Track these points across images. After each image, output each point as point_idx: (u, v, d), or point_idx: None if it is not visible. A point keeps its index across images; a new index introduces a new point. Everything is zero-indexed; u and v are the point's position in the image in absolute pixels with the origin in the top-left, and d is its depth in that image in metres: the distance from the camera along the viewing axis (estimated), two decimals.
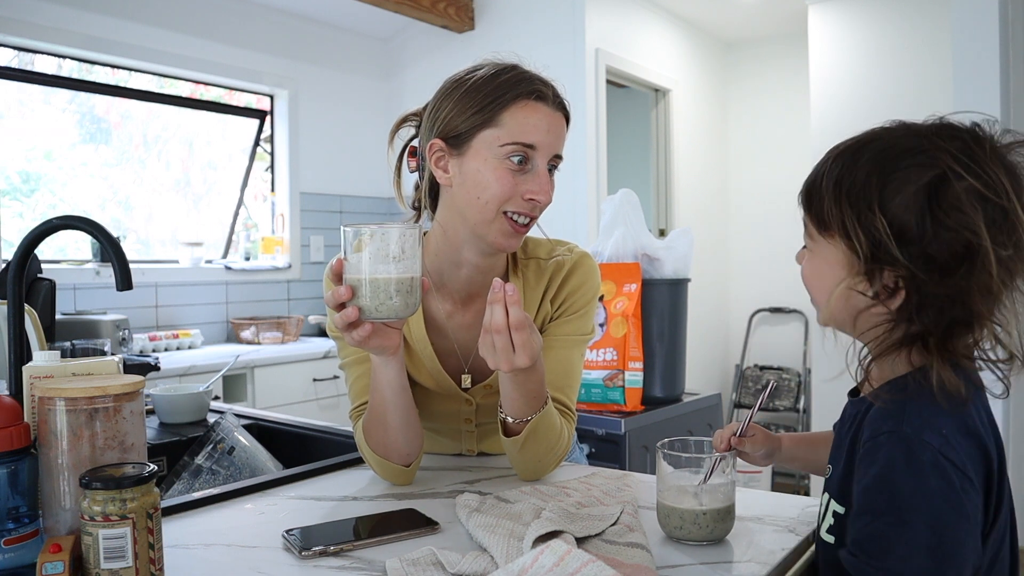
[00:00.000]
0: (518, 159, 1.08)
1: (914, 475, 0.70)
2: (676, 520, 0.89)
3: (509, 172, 1.08)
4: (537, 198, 1.09)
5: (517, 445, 1.10)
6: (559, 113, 1.13)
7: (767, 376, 4.55)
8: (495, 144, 1.08)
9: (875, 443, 0.73)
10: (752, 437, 1.00)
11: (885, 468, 0.71)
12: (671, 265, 2.41)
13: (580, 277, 1.21)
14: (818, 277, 0.82)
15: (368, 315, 0.93)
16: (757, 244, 4.79)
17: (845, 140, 0.81)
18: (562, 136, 1.13)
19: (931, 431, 0.71)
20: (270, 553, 0.90)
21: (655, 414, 2.38)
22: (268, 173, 4.02)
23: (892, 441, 0.72)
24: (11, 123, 3.16)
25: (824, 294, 0.81)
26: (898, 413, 0.74)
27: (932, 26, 3.50)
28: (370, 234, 0.91)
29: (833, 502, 0.81)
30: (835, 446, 0.85)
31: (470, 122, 1.09)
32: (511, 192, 1.08)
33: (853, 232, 0.75)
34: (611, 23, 3.79)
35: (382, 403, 1.08)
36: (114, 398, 0.77)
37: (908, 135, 0.77)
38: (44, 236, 1.01)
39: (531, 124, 1.08)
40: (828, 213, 0.78)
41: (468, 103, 1.09)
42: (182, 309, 3.49)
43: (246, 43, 3.75)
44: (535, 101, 1.09)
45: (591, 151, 3.62)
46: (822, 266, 0.81)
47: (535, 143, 1.08)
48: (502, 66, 1.13)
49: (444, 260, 1.18)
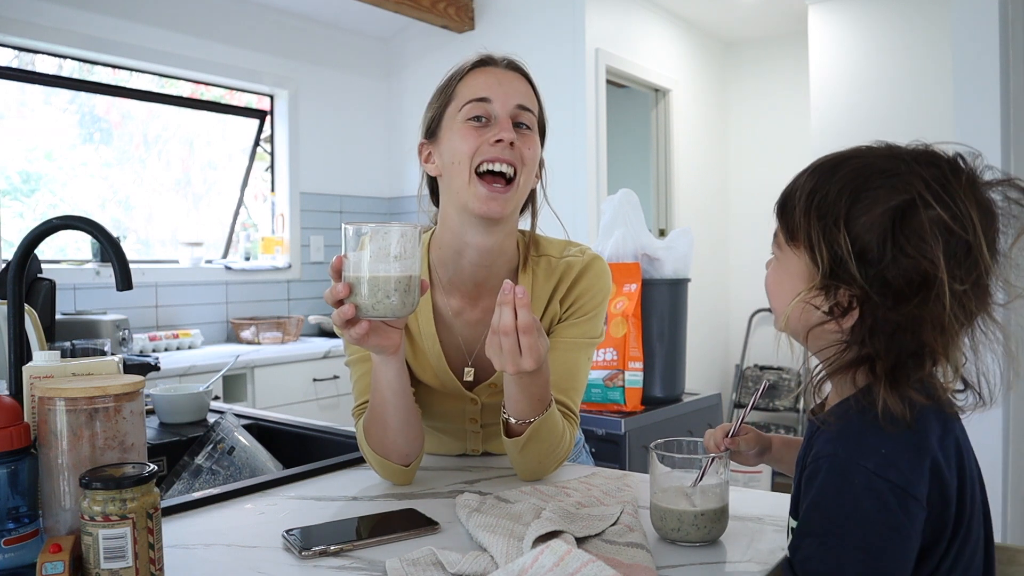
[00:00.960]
0: (476, 117, 1.12)
1: (847, 499, 0.72)
2: (673, 522, 0.89)
3: (473, 129, 1.12)
4: (501, 136, 1.11)
5: (518, 446, 1.10)
6: (512, 72, 1.17)
7: (767, 376, 4.55)
8: (455, 114, 1.14)
9: (816, 466, 0.75)
10: (745, 436, 1.00)
11: (820, 492, 0.74)
12: (671, 265, 2.41)
13: (590, 280, 1.21)
14: (779, 285, 0.83)
15: (365, 313, 0.93)
16: (757, 244, 4.79)
17: (829, 154, 0.81)
18: (520, 89, 1.16)
19: (867, 453, 0.72)
20: (270, 553, 0.90)
21: (655, 414, 2.38)
22: (268, 173, 4.02)
23: (828, 465, 0.74)
24: (11, 123, 3.16)
25: (782, 303, 0.82)
26: (836, 436, 0.75)
27: (932, 26, 3.50)
28: (370, 233, 0.91)
29: (790, 517, 0.83)
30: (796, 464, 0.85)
31: (435, 109, 1.18)
32: (476, 143, 1.11)
33: (817, 245, 0.76)
34: (611, 23, 3.79)
35: (382, 403, 1.08)
36: (114, 398, 0.77)
37: (887, 157, 0.77)
38: (44, 236, 1.01)
39: (480, 82, 1.14)
40: (797, 224, 0.79)
41: (434, 96, 1.19)
42: (182, 309, 3.49)
43: (246, 43, 3.75)
44: (482, 67, 1.16)
45: (591, 151, 3.62)
46: (784, 275, 0.82)
47: (487, 95, 1.13)
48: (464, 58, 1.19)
49: (448, 250, 1.19)
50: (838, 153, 0.80)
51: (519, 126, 1.14)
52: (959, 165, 0.75)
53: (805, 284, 0.78)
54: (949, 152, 0.77)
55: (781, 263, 0.83)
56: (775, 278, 0.84)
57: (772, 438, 1.04)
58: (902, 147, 0.78)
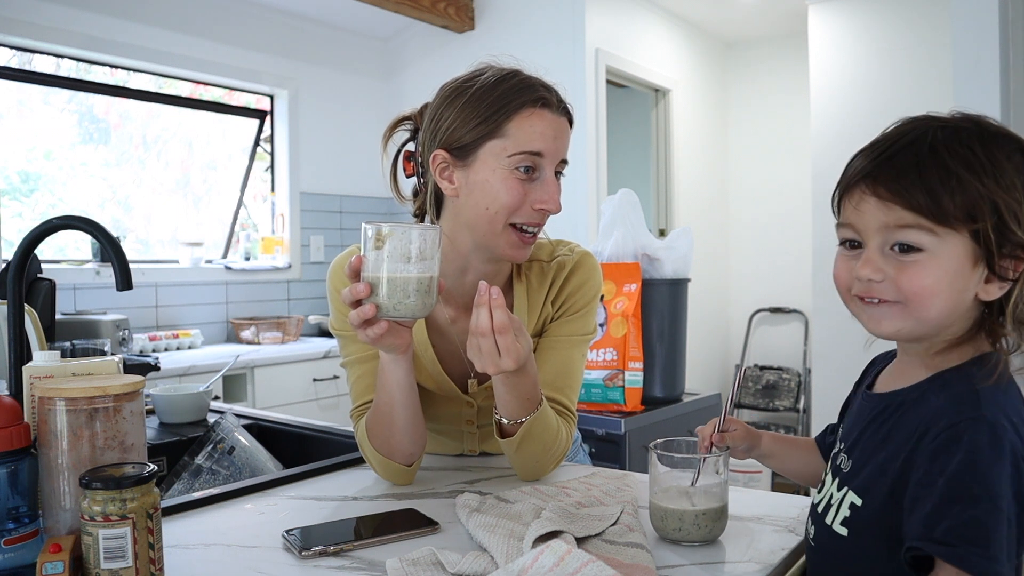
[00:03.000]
0: (526, 168, 1.07)
1: (998, 459, 0.69)
2: (674, 522, 0.89)
3: (518, 182, 1.07)
4: (547, 207, 1.09)
5: (513, 446, 1.10)
6: (563, 118, 1.12)
7: (767, 376, 4.55)
8: (502, 155, 1.07)
9: (955, 430, 0.71)
10: (733, 432, 1.00)
11: (972, 454, 0.69)
12: (671, 265, 2.41)
13: (581, 277, 1.21)
14: (940, 282, 0.73)
15: (385, 313, 0.94)
16: (757, 244, 4.79)
17: (894, 137, 0.77)
18: (567, 141, 1.13)
19: (1005, 414, 0.71)
20: (270, 553, 0.90)
21: (655, 414, 2.38)
22: (268, 173, 4.02)
23: (976, 427, 0.70)
24: (10, 123, 3.16)
25: (946, 299, 0.74)
26: (974, 399, 0.72)
27: (932, 26, 3.50)
28: (390, 232, 0.92)
29: (851, 494, 0.79)
30: (851, 441, 0.83)
31: (475, 133, 1.07)
32: (520, 202, 1.08)
33: (984, 216, 0.71)
34: (611, 23, 3.79)
35: (389, 402, 1.08)
36: (114, 398, 0.77)
37: (976, 121, 0.77)
38: (44, 236, 1.01)
39: (537, 132, 1.07)
40: (951, 202, 0.71)
41: (471, 113, 1.08)
42: (182, 309, 3.49)
43: (246, 43, 3.75)
44: (540, 108, 1.08)
45: (591, 151, 3.62)
46: (941, 270, 0.73)
47: (542, 151, 1.07)
48: (504, 72, 1.10)
49: (449, 266, 1.17)
50: (916, 132, 0.76)
51: (556, 176, 1.12)
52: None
53: (968, 268, 0.73)
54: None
55: (935, 256, 0.73)
56: (933, 277, 0.73)
57: (762, 434, 1.04)
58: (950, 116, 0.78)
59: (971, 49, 2.17)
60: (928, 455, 0.72)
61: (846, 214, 0.79)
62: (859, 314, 0.80)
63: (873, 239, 0.76)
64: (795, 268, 4.50)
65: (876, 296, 0.76)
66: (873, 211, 0.75)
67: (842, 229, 0.80)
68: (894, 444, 0.77)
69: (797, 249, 4.47)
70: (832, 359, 3.64)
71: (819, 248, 3.74)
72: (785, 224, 4.63)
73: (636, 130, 4.47)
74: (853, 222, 0.78)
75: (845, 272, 0.80)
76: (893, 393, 0.81)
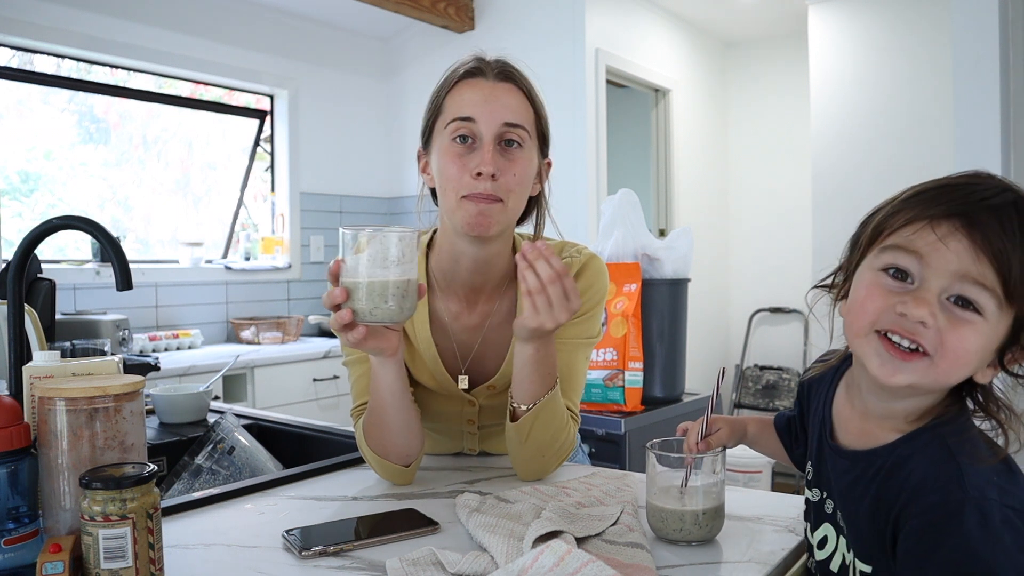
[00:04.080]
0: (461, 137, 1.09)
1: (992, 539, 0.66)
2: (674, 522, 0.89)
3: (456, 153, 1.09)
4: (481, 169, 1.06)
5: (524, 432, 1.09)
6: (503, 83, 1.12)
7: (767, 376, 4.55)
8: (442, 130, 1.11)
9: (946, 512, 0.68)
10: (717, 432, 0.98)
11: (964, 539, 0.66)
12: (671, 265, 2.41)
13: (587, 279, 1.20)
14: (983, 349, 0.71)
15: (362, 318, 0.93)
16: (757, 244, 4.79)
17: (985, 188, 0.71)
18: (510, 104, 1.10)
19: (989, 486, 0.68)
20: (270, 553, 0.90)
21: (655, 414, 2.38)
22: (268, 173, 4.02)
23: (965, 510, 0.67)
24: (10, 123, 3.16)
25: (975, 366, 0.72)
26: (957, 475, 0.69)
27: (932, 26, 3.50)
28: (368, 237, 0.91)
29: (858, 562, 0.77)
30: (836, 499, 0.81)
31: (427, 118, 1.15)
32: (460, 172, 1.08)
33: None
34: (611, 23, 3.79)
35: (381, 404, 1.08)
36: (114, 398, 0.77)
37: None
38: (44, 236, 1.01)
39: (466, 99, 1.10)
40: (1021, 280, 0.68)
41: (428, 103, 1.15)
42: (182, 309, 3.49)
43: (246, 43, 3.75)
44: (471, 78, 1.12)
45: (591, 151, 3.62)
46: (985, 340, 0.70)
47: (472, 115, 1.09)
48: (459, 60, 1.15)
49: (447, 256, 1.18)
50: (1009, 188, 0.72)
51: (509, 144, 1.10)
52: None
53: (1000, 338, 0.71)
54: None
55: (988, 325, 0.70)
56: (977, 344, 0.70)
57: (746, 422, 1.04)
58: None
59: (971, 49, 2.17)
60: (914, 535, 0.69)
61: (915, 242, 0.70)
62: (871, 355, 0.73)
63: (938, 281, 0.69)
64: (795, 268, 4.50)
65: (917, 341, 0.70)
66: (959, 253, 0.68)
67: (902, 255, 0.71)
68: (879, 511, 0.74)
69: (797, 249, 4.47)
70: None
71: (819, 248, 3.74)
72: (785, 224, 4.63)
73: (636, 130, 4.47)
74: (925, 254, 0.69)
75: (882, 303, 0.72)
76: (868, 453, 0.77)
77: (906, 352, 0.70)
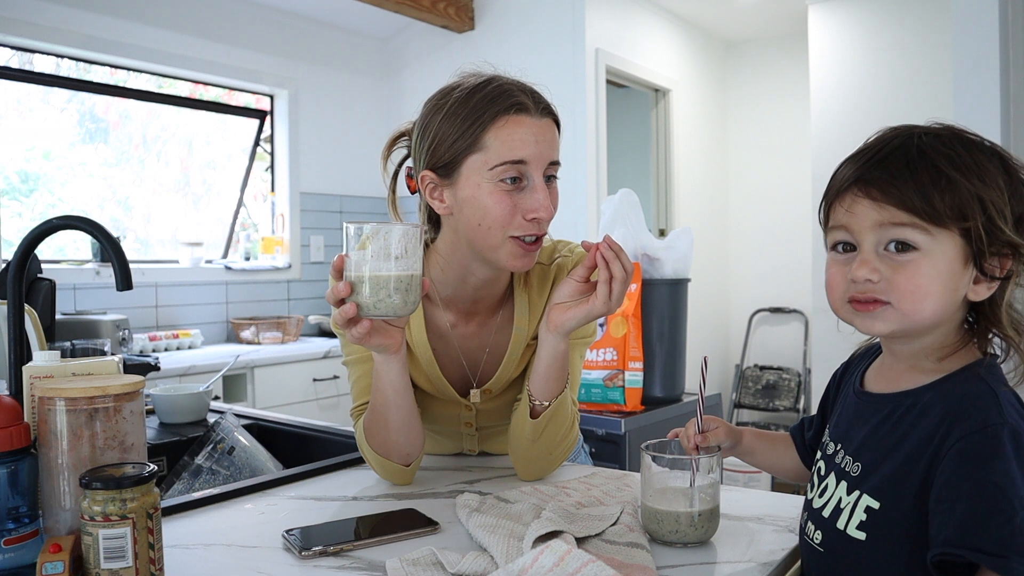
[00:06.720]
0: (511, 179, 1.03)
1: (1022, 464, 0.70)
2: (671, 523, 0.89)
3: (505, 194, 1.03)
4: (538, 215, 1.05)
5: (540, 428, 1.11)
6: (546, 119, 1.07)
7: (767, 376, 4.55)
8: (484, 168, 1.03)
9: (984, 436, 0.71)
10: (715, 430, 1.01)
11: (1006, 463, 0.70)
12: (671, 265, 2.41)
13: None
14: (933, 281, 0.75)
15: (366, 312, 0.93)
16: (757, 244, 4.79)
17: (880, 144, 0.78)
18: (554, 142, 1.08)
19: (1020, 416, 0.73)
20: (270, 553, 0.90)
21: (655, 414, 2.38)
22: (268, 173, 4.02)
23: (1005, 434, 0.71)
24: (10, 123, 3.16)
25: (939, 299, 0.75)
26: (995, 404, 0.73)
27: (932, 26, 3.50)
28: (372, 232, 0.92)
29: (867, 497, 0.79)
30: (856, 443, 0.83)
31: (453, 150, 1.04)
32: (511, 214, 1.04)
33: (975, 215, 0.73)
34: (611, 23, 3.79)
35: (383, 402, 1.08)
36: (114, 398, 0.77)
37: (952, 128, 0.79)
38: (44, 236, 1.01)
39: (517, 139, 1.03)
40: (942, 202, 0.73)
41: (448, 130, 1.04)
42: (182, 309, 3.49)
43: (246, 43, 3.75)
44: (516, 115, 1.03)
45: (591, 151, 3.62)
46: (934, 269, 0.74)
47: (525, 158, 1.03)
48: (478, 82, 1.06)
49: (451, 276, 1.15)
50: (901, 138, 0.78)
51: (549, 179, 1.08)
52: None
53: (959, 267, 0.75)
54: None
55: (928, 255, 0.74)
56: (927, 276, 0.75)
57: (743, 431, 1.05)
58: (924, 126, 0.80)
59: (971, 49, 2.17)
60: (954, 458, 0.72)
61: (837, 217, 0.79)
62: (852, 319, 0.80)
63: (867, 239, 0.77)
64: (795, 268, 4.50)
65: (872, 296, 0.77)
66: (867, 211, 0.76)
67: (834, 232, 0.81)
68: (911, 446, 0.76)
69: (797, 249, 4.47)
70: (832, 359, 3.63)
71: (819, 248, 3.72)
72: (785, 224, 4.63)
73: (636, 130, 4.47)
74: (846, 223, 0.78)
75: (839, 276, 0.80)
76: (902, 394, 0.80)
77: (869, 304, 0.78)
